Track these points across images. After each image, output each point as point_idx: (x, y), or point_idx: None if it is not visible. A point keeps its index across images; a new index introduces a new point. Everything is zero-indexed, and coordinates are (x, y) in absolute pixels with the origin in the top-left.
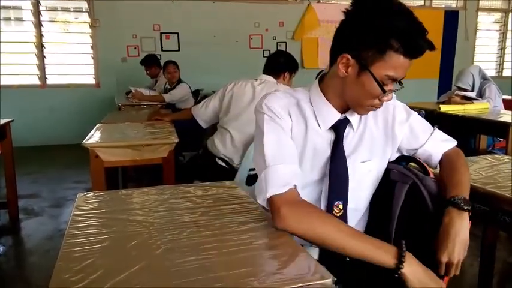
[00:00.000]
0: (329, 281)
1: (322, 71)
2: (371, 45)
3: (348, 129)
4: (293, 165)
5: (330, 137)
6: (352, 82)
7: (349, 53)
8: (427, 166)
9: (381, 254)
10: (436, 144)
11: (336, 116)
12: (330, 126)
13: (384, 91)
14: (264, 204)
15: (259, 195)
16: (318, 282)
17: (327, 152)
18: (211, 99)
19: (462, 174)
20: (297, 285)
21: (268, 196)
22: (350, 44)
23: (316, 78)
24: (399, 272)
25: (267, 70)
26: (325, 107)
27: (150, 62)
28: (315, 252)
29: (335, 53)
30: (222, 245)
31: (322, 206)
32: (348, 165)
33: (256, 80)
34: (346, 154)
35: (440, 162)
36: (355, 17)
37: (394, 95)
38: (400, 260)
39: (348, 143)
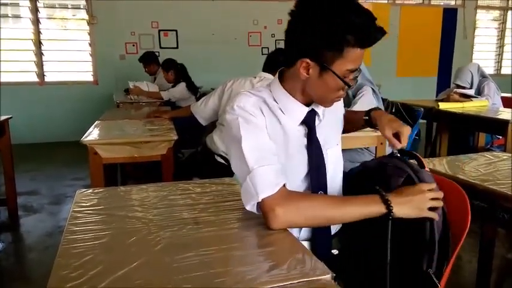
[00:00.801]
0: (328, 276)
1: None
2: (328, 46)
3: (316, 119)
4: (277, 164)
5: (302, 131)
6: (315, 82)
7: (308, 57)
8: (422, 160)
9: (373, 207)
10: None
11: (304, 110)
12: (301, 121)
13: (349, 85)
14: (254, 209)
15: (249, 202)
16: (317, 277)
17: (303, 145)
18: (210, 97)
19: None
20: (296, 281)
21: (260, 200)
22: (307, 48)
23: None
24: (391, 216)
25: (266, 68)
26: (291, 104)
27: (149, 59)
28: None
29: (292, 56)
30: (221, 241)
31: None
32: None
33: (255, 77)
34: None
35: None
36: (303, 19)
37: None
38: (388, 204)
39: (319, 132)
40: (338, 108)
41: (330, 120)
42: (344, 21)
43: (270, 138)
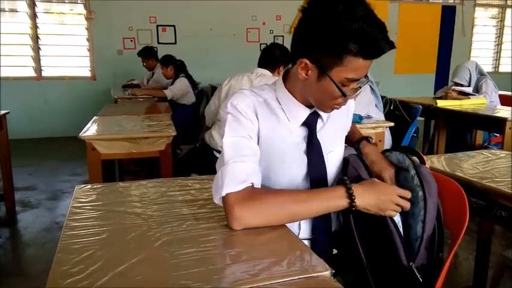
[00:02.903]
0: (327, 273)
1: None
2: (328, 51)
3: (319, 122)
4: (252, 163)
5: (303, 132)
6: (313, 85)
7: (307, 58)
8: (423, 156)
9: (335, 201)
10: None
11: (305, 112)
12: (302, 122)
13: (344, 95)
14: (220, 203)
15: (216, 194)
16: (316, 274)
17: (303, 147)
18: (213, 99)
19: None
20: (295, 277)
21: (223, 194)
22: (307, 48)
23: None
24: (354, 207)
25: (262, 63)
26: (293, 105)
27: (148, 54)
28: None
29: (294, 54)
30: (220, 237)
31: None
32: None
33: (252, 73)
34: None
35: None
36: (310, 18)
37: None
38: (351, 197)
39: (320, 136)
40: (346, 116)
41: (336, 124)
42: (349, 28)
43: (265, 139)
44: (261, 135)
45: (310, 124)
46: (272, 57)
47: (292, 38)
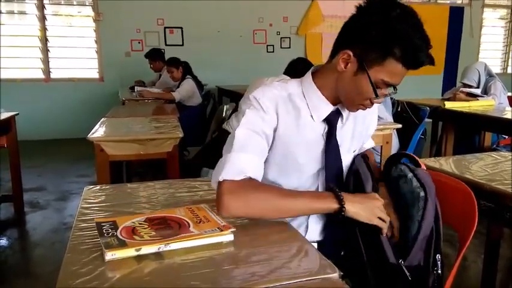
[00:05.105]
0: (335, 275)
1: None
2: (373, 48)
3: (339, 121)
4: (256, 158)
5: (322, 128)
6: (348, 79)
7: (352, 50)
8: (418, 159)
9: (325, 203)
10: (369, 141)
11: (328, 108)
12: (324, 118)
13: (377, 95)
14: (215, 186)
15: (214, 177)
16: (324, 276)
17: (321, 144)
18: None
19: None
20: (304, 279)
21: (220, 179)
22: (354, 41)
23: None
24: (343, 212)
25: (286, 73)
26: (318, 100)
27: (155, 56)
28: None
29: (338, 46)
30: (229, 238)
31: None
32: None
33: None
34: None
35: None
36: (365, 15)
37: None
38: (340, 202)
39: (339, 135)
40: (362, 123)
41: (355, 128)
42: (400, 33)
43: (282, 136)
44: (279, 132)
45: (331, 121)
46: (295, 70)
47: (340, 31)
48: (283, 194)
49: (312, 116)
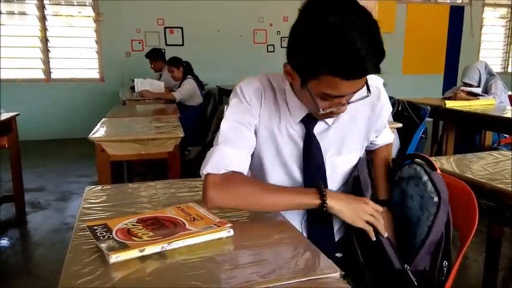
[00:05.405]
0: (337, 274)
1: None
2: (305, 63)
3: (322, 123)
4: (243, 152)
5: (302, 130)
6: (298, 90)
7: (290, 65)
8: (434, 162)
9: (307, 198)
10: (382, 136)
11: (303, 111)
12: (300, 120)
13: (318, 109)
14: (203, 178)
15: (202, 168)
16: (326, 275)
17: (301, 143)
18: None
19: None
20: (305, 279)
21: (205, 172)
22: (290, 54)
23: None
24: (325, 207)
25: None
26: (295, 101)
27: (156, 56)
28: None
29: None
30: (229, 238)
31: None
32: (325, 159)
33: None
34: (322, 148)
35: (375, 151)
36: (299, 23)
37: (383, 90)
38: (323, 198)
39: (324, 137)
40: (377, 124)
41: (354, 128)
42: (329, 50)
43: (264, 126)
44: (261, 121)
45: (307, 123)
46: None
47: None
48: (267, 188)
49: (291, 115)
